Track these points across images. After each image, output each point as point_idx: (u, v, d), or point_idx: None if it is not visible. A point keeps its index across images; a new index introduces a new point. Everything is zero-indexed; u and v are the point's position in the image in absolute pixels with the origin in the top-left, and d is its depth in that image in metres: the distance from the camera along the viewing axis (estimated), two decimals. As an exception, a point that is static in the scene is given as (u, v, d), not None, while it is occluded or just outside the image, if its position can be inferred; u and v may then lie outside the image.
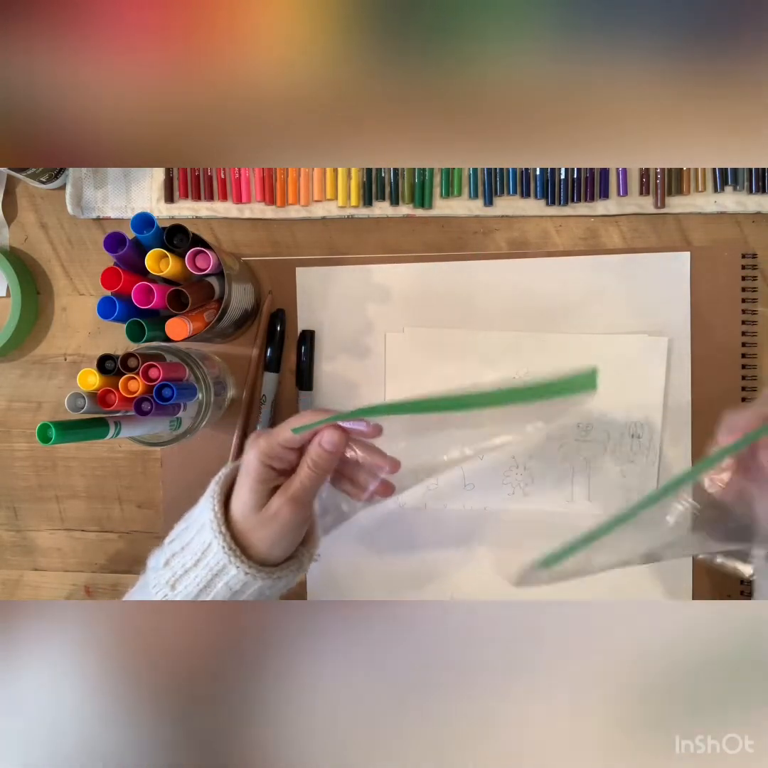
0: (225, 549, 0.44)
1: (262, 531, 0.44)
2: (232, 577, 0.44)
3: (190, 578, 0.45)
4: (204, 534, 0.45)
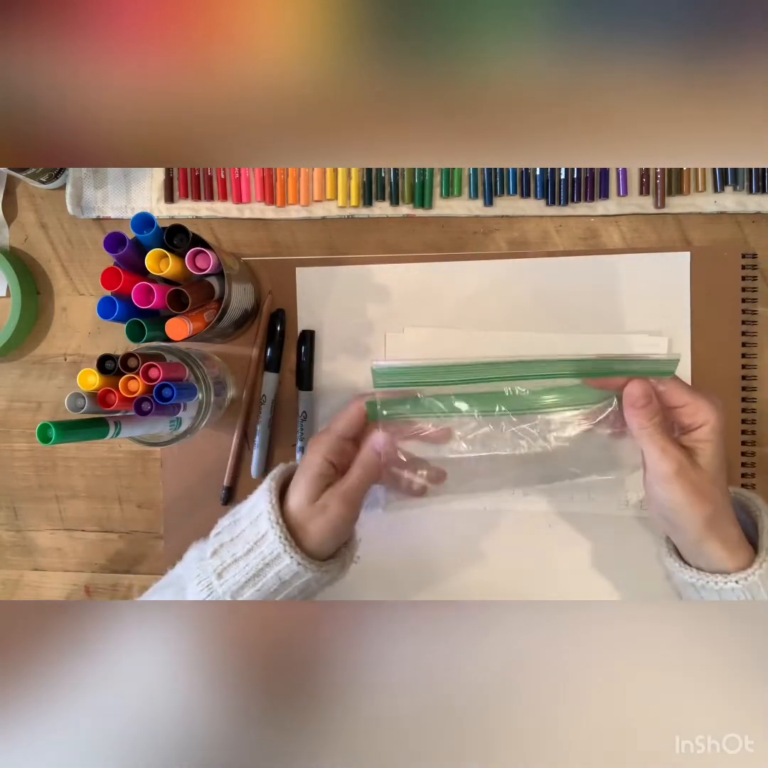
0: (281, 539, 0.45)
1: (314, 524, 0.47)
2: (285, 567, 0.46)
3: (239, 567, 0.46)
4: (259, 525, 0.47)
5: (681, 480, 0.44)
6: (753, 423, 0.60)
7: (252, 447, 0.64)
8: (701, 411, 0.45)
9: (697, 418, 0.45)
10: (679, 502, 0.45)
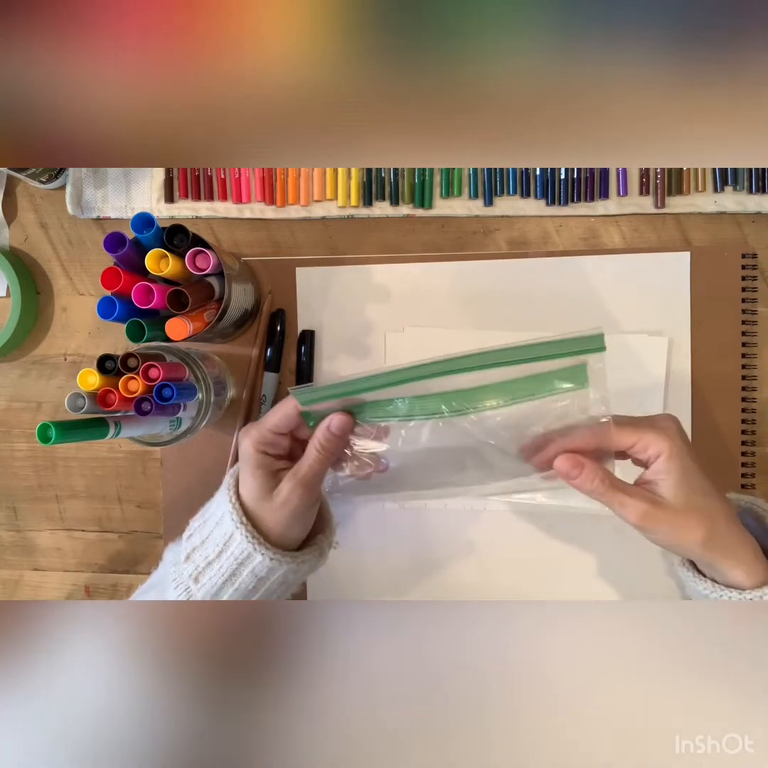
0: (248, 538, 0.45)
1: (276, 515, 0.46)
2: (258, 564, 0.45)
3: (213, 569, 0.46)
4: (224, 525, 0.46)
5: (650, 523, 0.43)
6: (753, 423, 0.60)
7: (252, 447, 0.64)
8: (651, 444, 0.43)
9: (650, 452, 0.43)
10: (662, 541, 0.44)
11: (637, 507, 0.43)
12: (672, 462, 0.43)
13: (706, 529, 0.43)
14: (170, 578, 0.48)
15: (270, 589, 0.48)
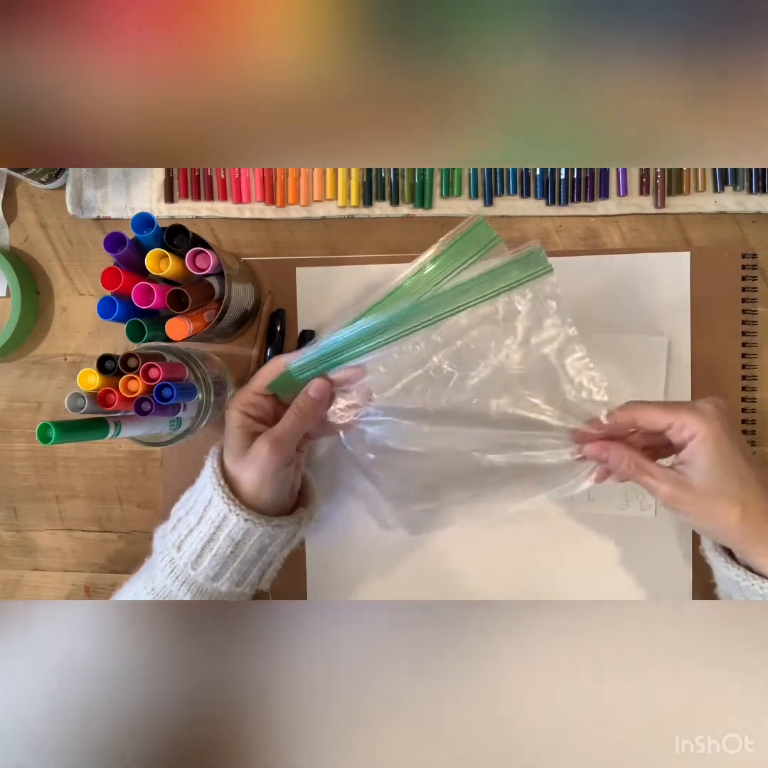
0: (224, 499, 0.46)
1: (247, 473, 0.47)
2: (234, 526, 0.46)
3: (194, 536, 0.48)
4: (205, 492, 0.48)
5: (677, 505, 0.44)
6: (753, 423, 0.60)
7: (252, 447, 0.64)
8: (686, 426, 0.43)
9: (684, 434, 0.44)
10: (692, 523, 0.45)
11: (663, 489, 0.44)
12: (705, 444, 0.42)
13: (736, 515, 0.42)
14: (158, 551, 0.49)
15: (248, 557, 0.48)
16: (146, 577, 0.50)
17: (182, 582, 0.48)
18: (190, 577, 0.48)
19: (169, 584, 0.48)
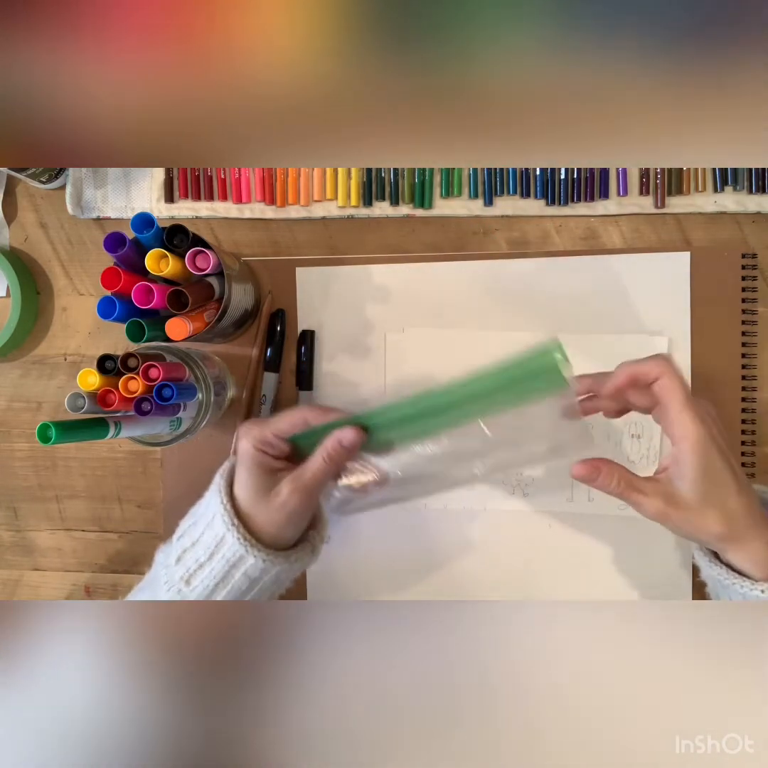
0: (240, 540, 0.45)
1: (272, 516, 0.46)
2: (251, 566, 0.45)
3: (205, 572, 0.46)
4: (215, 528, 0.46)
5: (666, 520, 0.44)
6: (753, 423, 0.60)
7: (252, 447, 0.64)
8: (680, 425, 0.43)
9: (675, 432, 0.43)
10: (679, 533, 0.45)
11: (653, 505, 0.44)
12: (695, 454, 0.42)
13: (722, 526, 0.43)
14: (162, 581, 0.48)
15: (263, 588, 0.47)
16: (149, 599, 0.48)
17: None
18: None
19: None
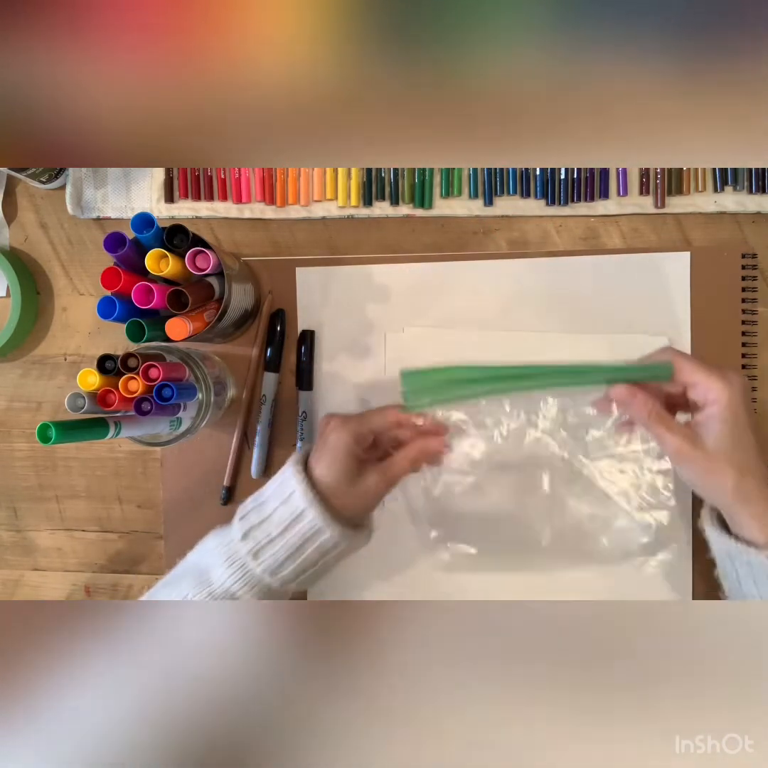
0: (321, 515, 0.48)
1: (353, 500, 0.50)
2: (325, 539, 0.49)
3: (276, 546, 0.49)
4: (293, 504, 0.49)
5: (683, 460, 0.47)
6: (753, 423, 0.60)
7: (252, 447, 0.64)
8: (711, 390, 0.46)
9: (708, 397, 0.46)
10: (692, 480, 0.48)
11: (675, 442, 0.47)
12: (726, 411, 0.46)
13: (734, 479, 0.46)
14: (220, 559, 0.50)
15: (328, 563, 0.51)
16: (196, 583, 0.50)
17: (252, 586, 0.50)
18: (262, 582, 0.50)
19: (235, 588, 0.49)
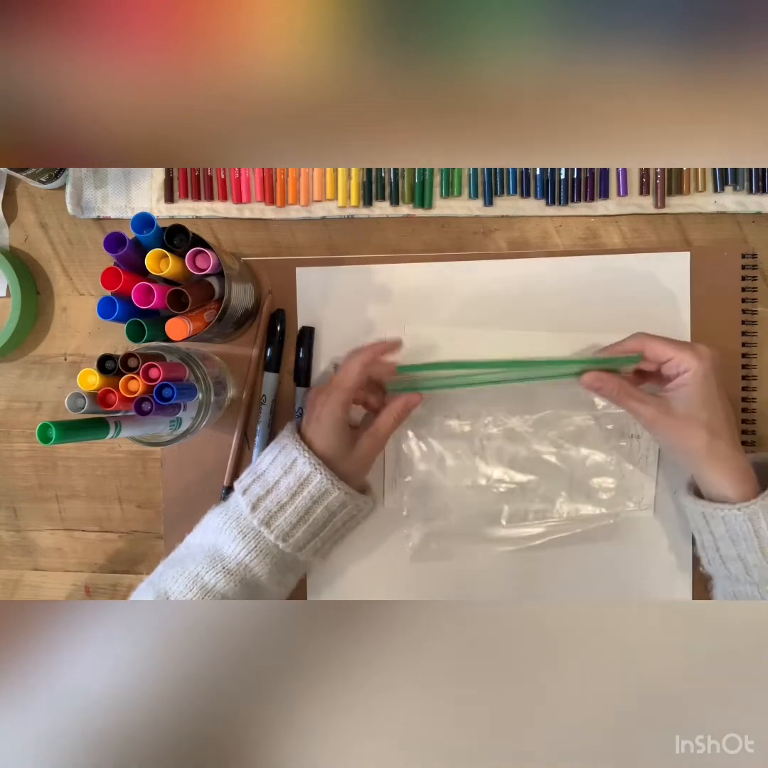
0: (327, 476, 0.52)
1: (352, 465, 0.55)
2: (333, 499, 0.53)
3: (287, 512, 0.52)
4: (297, 470, 0.53)
5: (657, 428, 0.52)
6: (753, 423, 0.60)
7: (252, 447, 0.64)
8: (684, 361, 0.51)
9: (681, 368, 0.51)
10: (667, 444, 0.55)
11: (647, 412, 0.52)
12: (695, 377, 0.51)
13: (705, 440, 0.50)
14: (231, 534, 0.52)
15: (336, 525, 0.55)
16: (207, 561, 0.52)
17: (265, 555, 0.52)
18: (275, 549, 0.53)
19: (249, 560, 0.52)
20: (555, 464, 0.61)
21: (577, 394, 0.59)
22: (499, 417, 0.62)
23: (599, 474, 0.61)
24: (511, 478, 0.62)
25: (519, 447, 0.62)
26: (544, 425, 0.61)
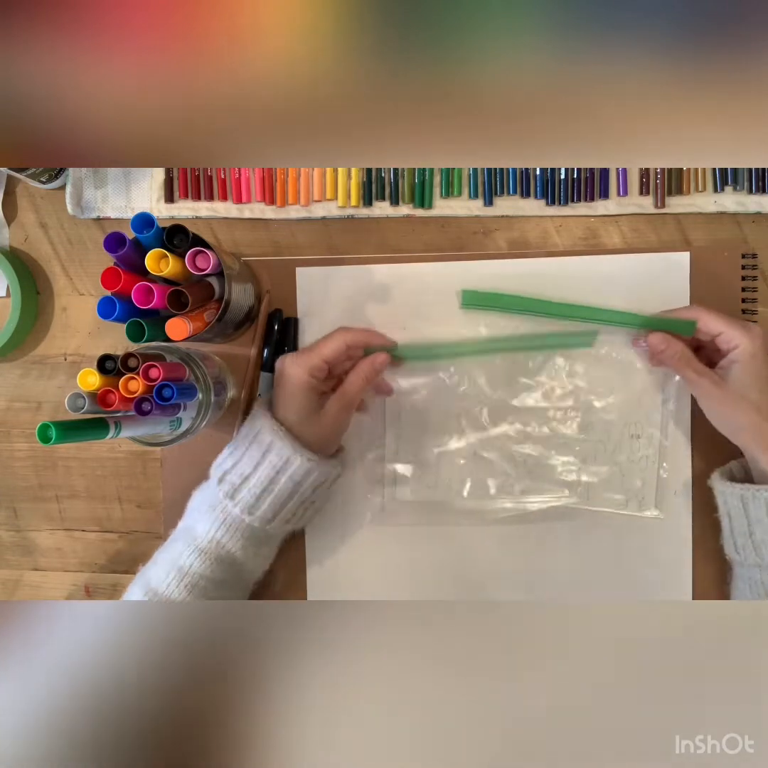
0: (288, 443, 0.51)
1: (322, 430, 0.54)
2: (297, 468, 0.52)
3: (251, 483, 0.52)
4: (261, 439, 0.52)
5: (709, 400, 0.54)
6: (753, 423, 0.60)
7: (252, 447, 0.64)
8: (735, 338, 0.52)
9: (731, 344, 0.53)
10: (715, 418, 0.55)
11: (702, 384, 0.54)
12: (746, 355, 0.52)
13: (752, 416, 0.52)
14: (204, 511, 0.52)
15: (305, 496, 0.54)
16: (185, 541, 0.52)
17: (234, 530, 0.52)
18: (243, 523, 0.52)
19: (219, 536, 0.52)
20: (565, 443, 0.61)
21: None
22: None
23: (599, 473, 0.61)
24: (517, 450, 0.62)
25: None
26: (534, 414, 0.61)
